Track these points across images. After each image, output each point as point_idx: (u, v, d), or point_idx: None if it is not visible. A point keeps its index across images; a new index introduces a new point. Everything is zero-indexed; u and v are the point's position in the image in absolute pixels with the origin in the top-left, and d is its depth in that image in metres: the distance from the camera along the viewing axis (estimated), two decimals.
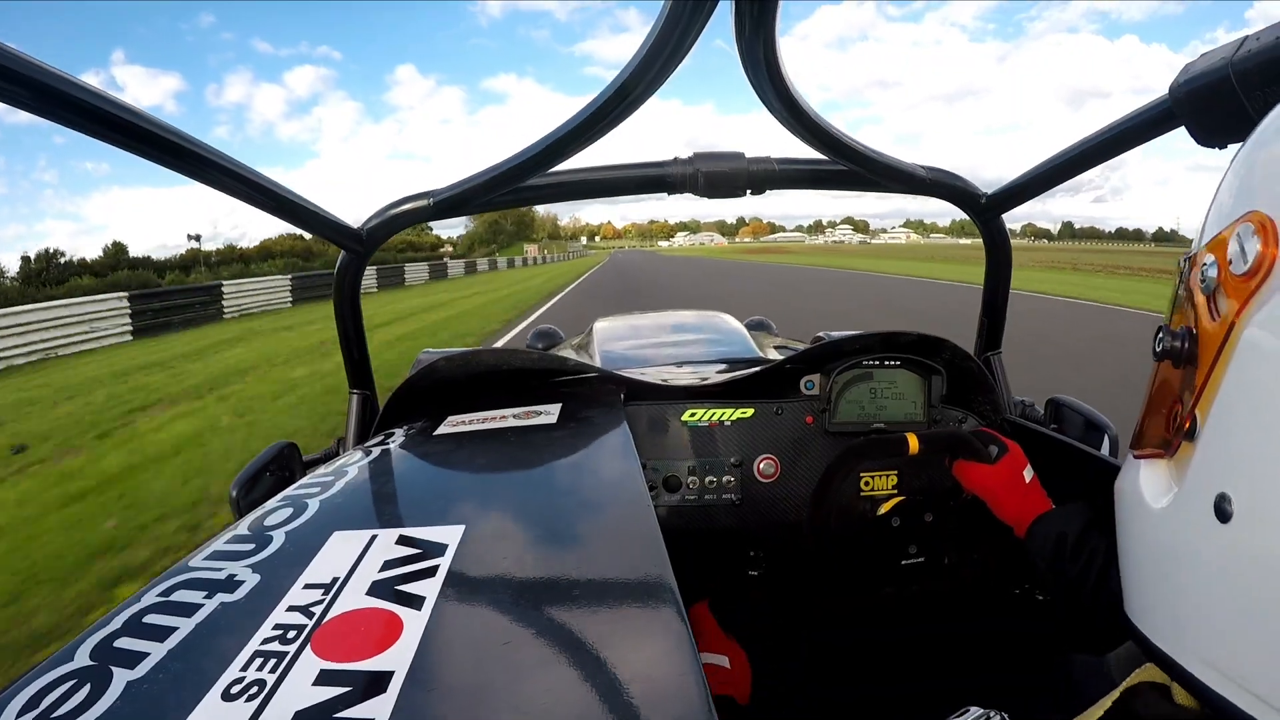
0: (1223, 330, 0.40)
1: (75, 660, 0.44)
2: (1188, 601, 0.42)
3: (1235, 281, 0.40)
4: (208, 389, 7.20)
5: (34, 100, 0.52)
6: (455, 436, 0.87)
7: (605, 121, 0.74)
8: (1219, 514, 0.38)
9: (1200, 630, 0.40)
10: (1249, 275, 0.39)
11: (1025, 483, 0.90)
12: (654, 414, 1.17)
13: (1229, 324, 0.40)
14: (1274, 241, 0.38)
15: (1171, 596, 0.43)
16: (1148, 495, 0.46)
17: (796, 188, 1.11)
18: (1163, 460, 0.46)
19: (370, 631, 0.46)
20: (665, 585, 0.50)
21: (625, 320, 2.70)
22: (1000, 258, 1.22)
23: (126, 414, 6.23)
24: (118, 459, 4.76)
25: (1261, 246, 0.39)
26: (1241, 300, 0.40)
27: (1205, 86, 0.59)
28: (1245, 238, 0.40)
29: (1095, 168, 0.91)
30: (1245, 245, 0.40)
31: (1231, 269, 0.41)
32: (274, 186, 0.83)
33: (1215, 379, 0.40)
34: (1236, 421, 0.39)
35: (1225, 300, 0.41)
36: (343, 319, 1.18)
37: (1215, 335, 0.41)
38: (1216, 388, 0.40)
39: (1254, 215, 0.40)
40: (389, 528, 0.61)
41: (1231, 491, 0.38)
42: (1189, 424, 0.42)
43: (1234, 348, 0.39)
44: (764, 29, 0.60)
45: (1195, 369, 0.43)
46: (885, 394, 1.17)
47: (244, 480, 0.98)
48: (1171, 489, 0.44)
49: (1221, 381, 0.40)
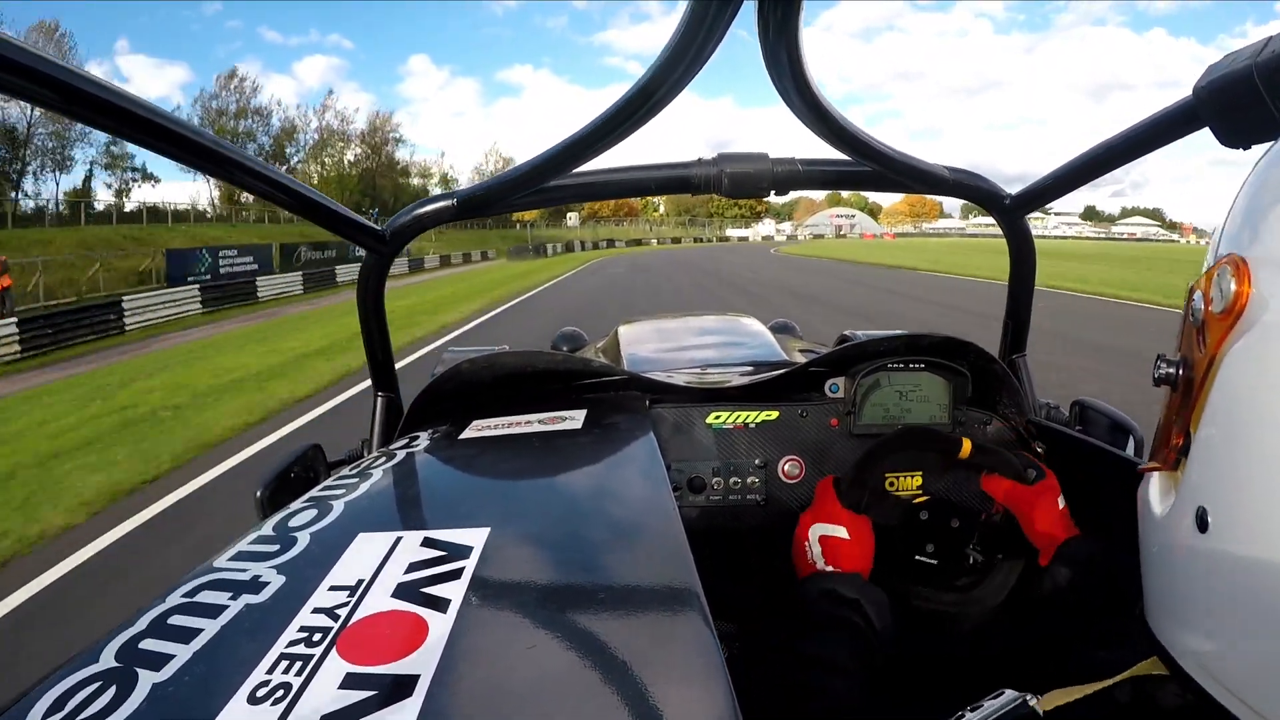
0: (1206, 361, 0.45)
1: (100, 661, 0.44)
2: (1182, 604, 0.47)
3: (1215, 319, 0.45)
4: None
5: (63, 102, 0.53)
6: (480, 440, 0.87)
7: (630, 122, 0.74)
8: (1200, 524, 0.43)
9: (1192, 633, 0.45)
10: (1226, 313, 0.44)
11: (1058, 509, 0.90)
12: (679, 416, 1.18)
13: (1210, 356, 0.45)
14: (1247, 281, 0.43)
15: (1171, 598, 0.48)
16: (1153, 504, 0.51)
17: (820, 188, 1.11)
18: (1167, 473, 0.51)
19: (396, 634, 0.46)
20: (692, 592, 0.50)
21: (650, 324, 2.71)
22: (1024, 258, 1.21)
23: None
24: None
25: (1236, 285, 0.44)
26: (1220, 335, 0.44)
27: (1229, 87, 0.58)
28: (1223, 278, 0.45)
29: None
30: (1223, 285, 0.45)
31: (1212, 307, 0.46)
32: (299, 187, 0.84)
33: (1200, 404, 0.45)
34: (1215, 443, 0.44)
35: (1209, 334, 0.46)
36: (366, 320, 1.19)
37: (1201, 365, 0.46)
38: (1201, 412, 0.45)
39: (1231, 257, 0.45)
40: (414, 530, 0.61)
41: (1209, 505, 0.43)
42: (1181, 441, 0.47)
43: (1214, 377, 0.44)
44: (787, 30, 0.60)
45: (1191, 393, 0.47)
46: (910, 396, 1.17)
47: (268, 481, 0.98)
48: (1170, 499, 0.48)
49: (1205, 406, 0.45)
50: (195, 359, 9.77)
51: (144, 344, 12.39)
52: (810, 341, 2.53)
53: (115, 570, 3.45)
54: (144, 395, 7.33)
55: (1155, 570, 0.51)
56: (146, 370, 9.03)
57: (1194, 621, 0.45)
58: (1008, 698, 0.55)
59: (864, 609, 0.78)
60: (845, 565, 0.87)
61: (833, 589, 0.80)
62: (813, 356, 1.25)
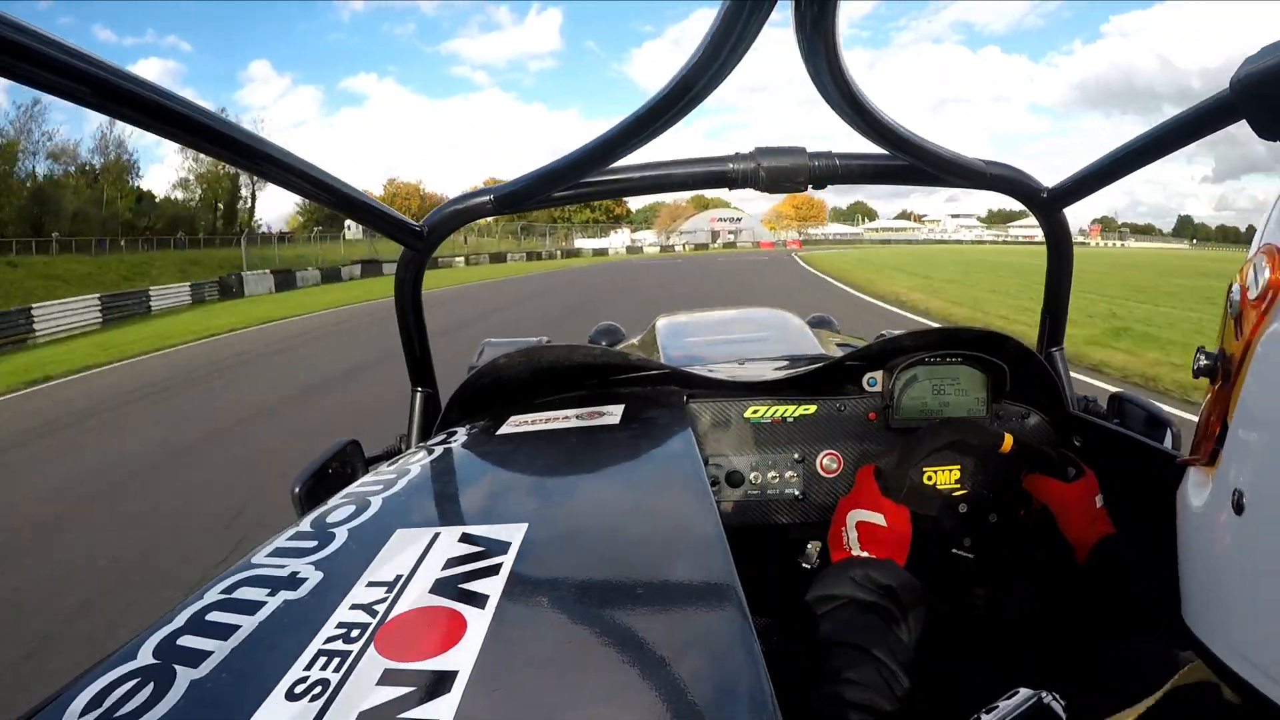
0: (1242, 348, 0.46)
1: (139, 658, 0.45)
2: (1221, 594, 0.46)
3: (1251, 306, 0.46)
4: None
5: (100, 99, 0.53)
6: (518, 436, 0.87)
7: (666, 118, 0.74)
8: (1236, 509, 0.43)
9: (1232, 623, 0.44)
10: (1260, 299, 0.45)
11: (1096, 507, 0.91)
12: (717, 410, 1.18)
13: (1246, 343, 0.46)
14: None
15: (1210, 591, 0.48)
16: (1192, 498, 0.51)
17: (858, 183, 1.10)
18: (1205, 467, 0.51)
19: (434, 630, 0.45)
20: (730, 587, 0.49)
21: (688, 317, 2.72)
22: (1062, 252, 1.19)
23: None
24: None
25: (1271, 273, 0.45)
26: (1256, 322, 0.45)
27: (1265, 80, 0.58)
28: (1259, 267, 0.46)
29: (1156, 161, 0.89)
30: (1259, 273, 0.46)
31: (1249, 295, 0.47)
32: (340, 185, 0.85)
33: (1236, 391, 0.46)
34: (1250, 428, 0.44)
35: (1246, 323, 0.47)
36: (404, 315, 1.21)
37: (1238, 353, 0.47)
38: (1237, 398, 0.46)
39: (1267, 247, 0.46)
40: (452, 525, 0.61)
41: (1245, 488, 0.42)
42: (1219, 431, 0.47)
43: (1249, 364, 0.45)
44: (824, 25, 0.59)
45: (1229, 384, 0.48)
46: (948, 390, 1.16)
47: (306, 477, 0.99)
48: (1207, 491, 0.49)
49: (1240, 392, 0.45)
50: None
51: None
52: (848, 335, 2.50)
53: None
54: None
55: (1193, 563, 0.51)
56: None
57: (1234, 611, 0.45)
58: (1023, 696, 0.55)
59: (898, 595, 0.78)
60: (881, 552, 0.86)
61: (867, 574, 0.80)
62: (850, 350, 1.24)
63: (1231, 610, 0.45)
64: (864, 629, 0.74)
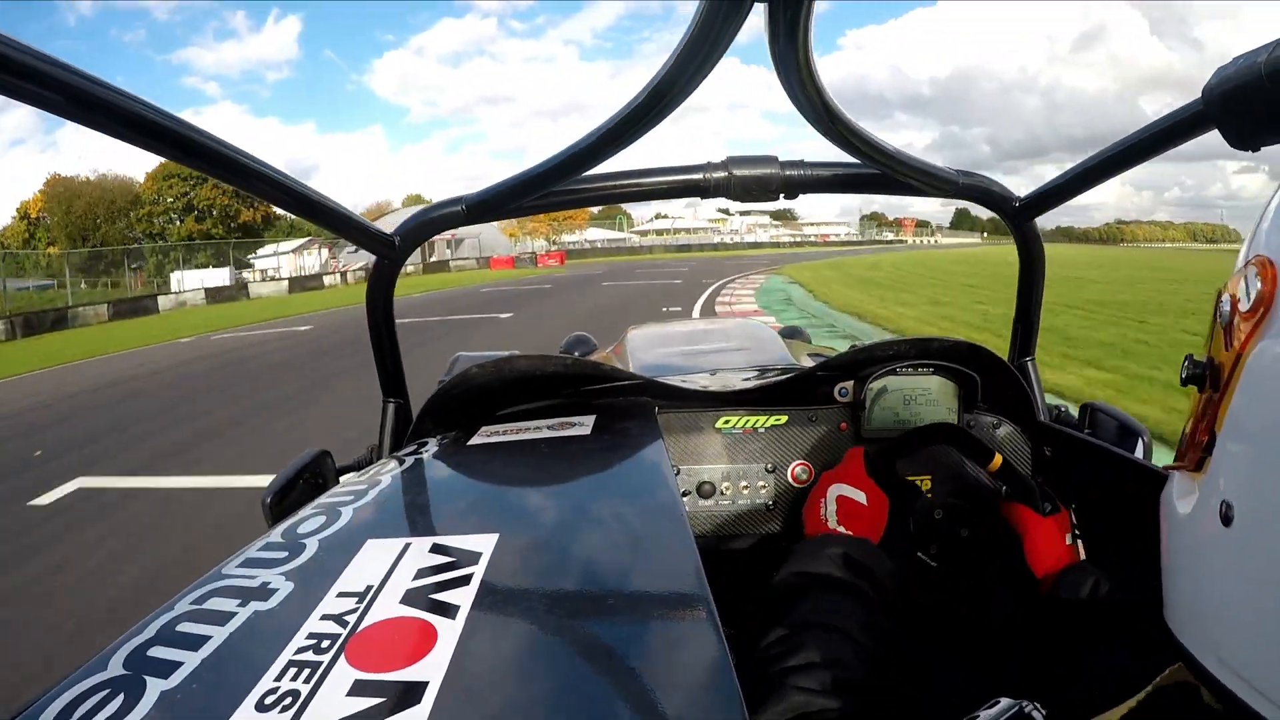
0: (1232, 359, 0.46)
1: (109, 669, 0.44)
2: (1205, 602, 0.47)
3: (1243, 318, 0.47)
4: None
5: (72, 108, 0.52)
6: (489, 446, 0.87)
7: (640, 125, 0.74)
8: (1224, 519, 0.43)
9: (1215, 630, 0.45)
10: (1252, 312, 0.45)
11: (1064, 545, 0.91)
12: (689, 421, 1.17)
13: (1237, 355, 0.46)
14: (1272, 281, 0.44)
15: (1194, 598, 0.48)
16: (1178, 504, 0.52)
17: (830, 191, 1.10)
18: (1191, 473, 0.51)
19: (404, 640, 0.45)
20: (701, 597, 0.50)
21: (659, 328, 2.71)
22: (1033, 262, 1.21)
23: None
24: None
25: (1262, 286, 0.45)
26: (1247, 333, 0.46)
27: (1237, 88, 0.59)
28: (1250, 278, 0.46)
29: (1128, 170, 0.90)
30: (1250, 285, 0.46)
31: (1239, 306, 0.47)
32: (309, 191, 0.83)
33: (1226, 402, 0.46)
34: (1239, 439, 0.44)
35: (1236, 334, 0.47)
36: (376, 326, 1.20)
37: (1228, 363, 0.47)
38: (1227, 409, 0.46)
39: (1258, 258, 0.47)
40: (423, 536, 0.61)
41: (1233, 500, 0.43)
42: (1206, 439, 0.48)
43: (1240, 376, 0.45)
44: (797, 33, 0.60)
45: (1217, 394, 0.48)
46: (919, 400, 1.17)
47: (277, 488, 0.98)
48: (1193, 498, 0.49)
49: (1230, 403, 0.46)
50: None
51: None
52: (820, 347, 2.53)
53: None
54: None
55: (1177, 570, 0.51)
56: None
57: (1217, 619, 0.45)
58: (1004, 706, 0.55)
59: (876, 578, 0.78)
60: (857, 529, 0.87)
61: (845, 553, 0.79)
62: (821, 361, 1.25)
63: (1214, 617, 0.45)
64: (843, 612, 0.73)
